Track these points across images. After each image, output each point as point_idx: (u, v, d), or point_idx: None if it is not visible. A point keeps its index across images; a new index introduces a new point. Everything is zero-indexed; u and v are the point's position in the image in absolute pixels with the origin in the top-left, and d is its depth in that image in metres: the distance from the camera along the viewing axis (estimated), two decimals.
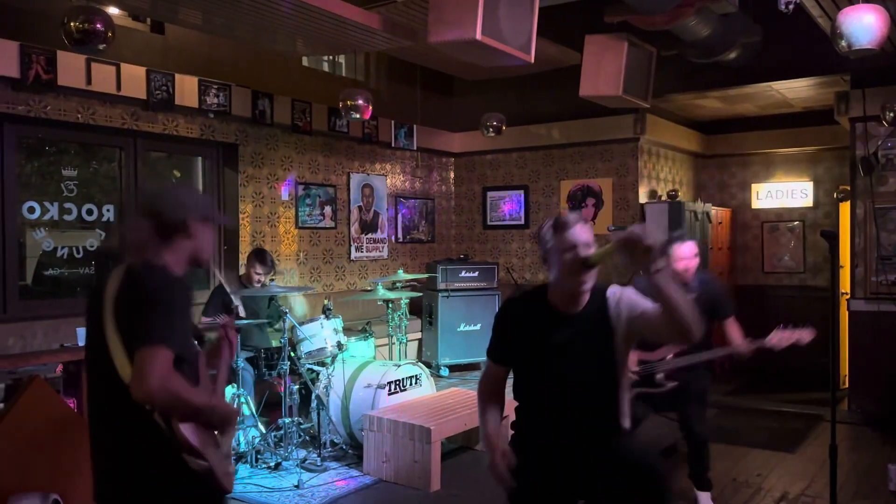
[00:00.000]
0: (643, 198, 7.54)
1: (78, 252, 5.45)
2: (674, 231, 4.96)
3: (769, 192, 8.57)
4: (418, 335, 7.48)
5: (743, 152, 8.70)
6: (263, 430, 4.63)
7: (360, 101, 5.72)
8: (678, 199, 7.64)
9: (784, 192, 8.48)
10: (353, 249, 7.48)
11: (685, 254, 3.76)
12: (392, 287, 5.56)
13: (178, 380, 1.83)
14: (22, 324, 4.87)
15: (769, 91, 7.05)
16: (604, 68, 5.30)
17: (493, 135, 7.11)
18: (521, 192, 8.17)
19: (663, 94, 6.85)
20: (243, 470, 4.35)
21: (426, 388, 5.03)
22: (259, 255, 5.31)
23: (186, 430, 1.87)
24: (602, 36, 5.38)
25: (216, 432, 2.01)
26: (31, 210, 5.13)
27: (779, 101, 7.53)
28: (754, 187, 8.65)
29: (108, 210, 5.59)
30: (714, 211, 8.02)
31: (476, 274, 7.38)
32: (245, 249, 6.21)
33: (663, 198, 7.77)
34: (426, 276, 6.91)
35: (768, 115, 8.16)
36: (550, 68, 6.67)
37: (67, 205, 5.34)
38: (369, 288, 6.26)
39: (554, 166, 8.04)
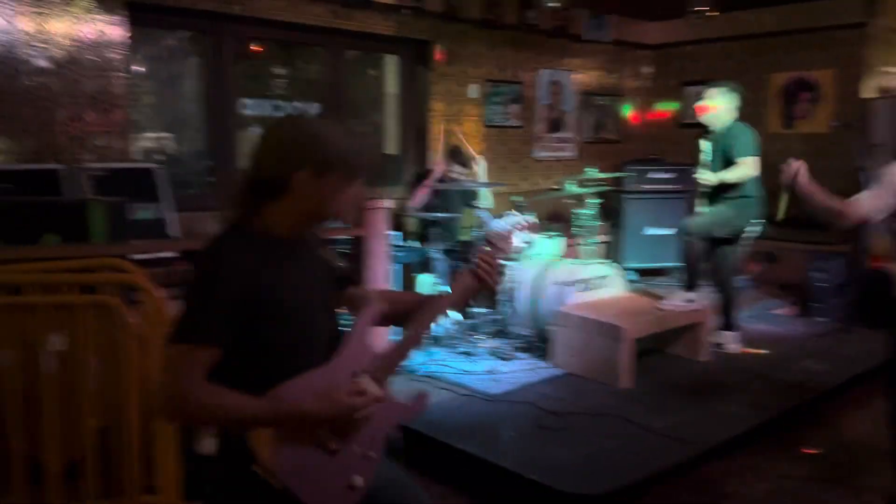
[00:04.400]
0: (870, 92, 6.66)
1: None
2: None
3: None
4: (603, 237, 7.34)
5: None
6: (460, 319, 4.85)
7: None
8: None
9: None
10: (538, 149, 7.39)
11: None
12: (581, 186, 5.44)
13: (203, 391, 1.44)
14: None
15: None
16: None
17: (701, 20, 6.51)
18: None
19: None
20: (439, 353, 4.61)
21: (616, 288, 4.95)
22: (455, 154, 5.39)
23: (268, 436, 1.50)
24: None
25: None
26: (247, 106, 5.54)
27: None
28: None
29: (314, 108, 5.90)
30: None
31: (669, 175, 7.03)
32: (435, 148, 6.34)
33: None
34: (618, 175, 6.64)
35: None
36: None
37: (278, 102, 5.71)
38: (557, 186, 6.18)
39: (764, 57, 7.29)
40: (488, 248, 1.90)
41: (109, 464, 2.57)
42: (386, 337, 1.79)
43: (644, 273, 7.11)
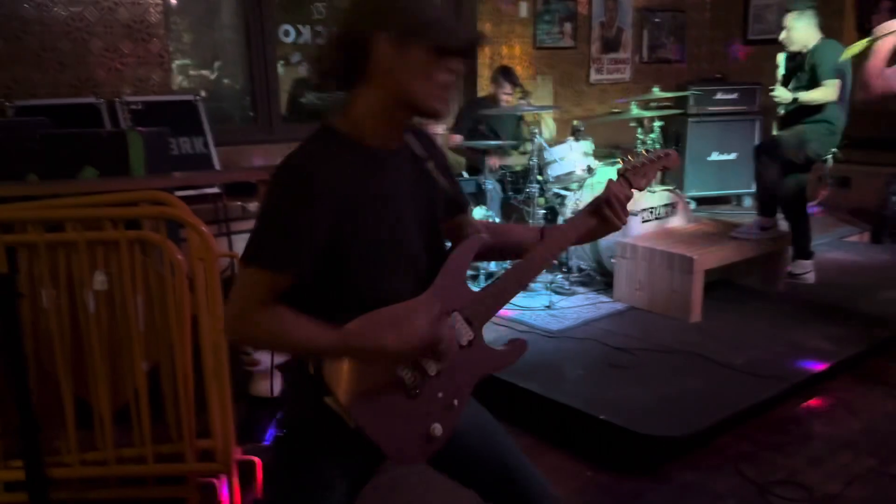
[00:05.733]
0: None
1: None
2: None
3: None
4: None
5: None
6: None
7: None
8: None
9: None
10: (592, 71, 6.97)
11: None
12: (646, 107, 5.08)
13: (268, 315, 1.30)
14: (287, 144, 5.16)
15: None
16: None
17: None
18: None
19: None
20: None
21: (682, 218, 4.66)
22: (506, 73, 5.06)
23: (345, 367, 1.36)
24: None
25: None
26: (287, 34, 5.27)
27: None
28: None
29: None
30: None
31: (735, 96, 6.55)
32: (483, 73, 6.00)
33: None
34: (685, 93, 6.20)
35: None
36: None
37: (319, 28, 5.42)
38: (617, 109, 5.82)
39: None
40: (622, 180, 1.59)
41: (161, 408, 2.46)
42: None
43: (706, 201, 6.74)
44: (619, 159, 5.05)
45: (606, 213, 1.54)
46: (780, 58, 4.53)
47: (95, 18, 4.42)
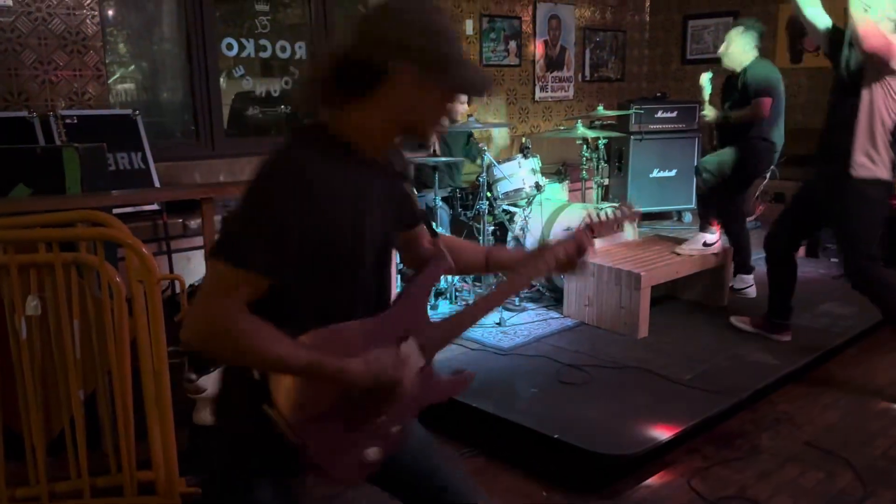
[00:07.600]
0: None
1: (275, 91, 5.51)
2: None
3: None
4: (605, 181, 7.07)
5: None
6: None
7: None
8: None
9: None
10: (537, 89, 7.06)
11: None
12: (591, 126, 5.15)
13: (245, 322, 1.22)
14: (230, 160, 5.06)
15: None
16: None
17: None
18: (730, 19, 7.20)
19: None
20: (444, 306, 4.39)
21: (628, 234, 4.72)
22: None
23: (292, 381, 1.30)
24: None
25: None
26: (230, 47, 5.17)
27: None
28: None
29: (300, 48, 5.53)
30: None
31: (675, 114, 6.72)
32: None
33: None
34: (628, 112, 6.31)
35: None
36: None
37: (262, 41, 5.33)
38: (562, 127, 5.89)
39: None
40: (587, 231, 1.70)
41: (98, 437, 2.33)
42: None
43: (648, 217, 6.87)
44: (564, 176, 5.10)
45: (567, 257, 1.63)
46: (704, 78, 4.64)
47: (28, 29, 4.24)
